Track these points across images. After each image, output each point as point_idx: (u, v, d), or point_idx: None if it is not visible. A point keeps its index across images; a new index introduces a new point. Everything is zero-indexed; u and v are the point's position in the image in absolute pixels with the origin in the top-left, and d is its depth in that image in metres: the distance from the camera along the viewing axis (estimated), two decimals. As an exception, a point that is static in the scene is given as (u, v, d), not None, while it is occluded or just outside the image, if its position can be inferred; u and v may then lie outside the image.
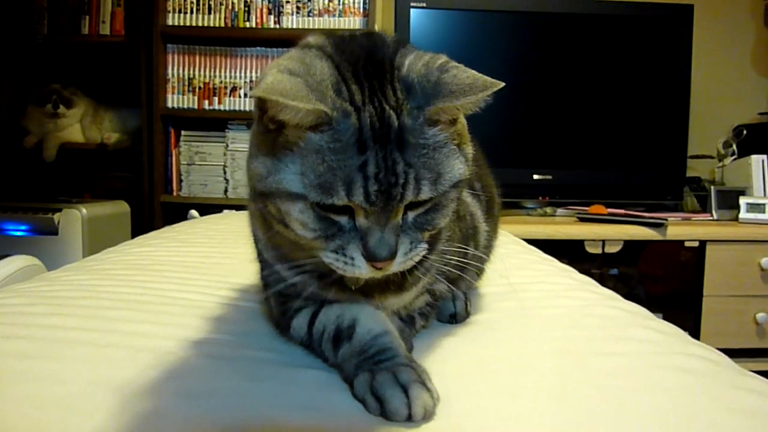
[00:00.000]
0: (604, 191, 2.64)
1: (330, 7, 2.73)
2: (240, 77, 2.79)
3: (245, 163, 0.62)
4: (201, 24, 2.75)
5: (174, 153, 2.84)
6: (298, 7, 2.74)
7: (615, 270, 2.40)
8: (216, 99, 2.80)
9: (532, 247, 1.53)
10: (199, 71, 2.79)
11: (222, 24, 2.76)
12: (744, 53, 3.07)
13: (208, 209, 2.68)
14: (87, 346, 0.65)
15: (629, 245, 2.35)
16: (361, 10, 2.73)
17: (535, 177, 2.58)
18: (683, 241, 2.34)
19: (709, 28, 2.93)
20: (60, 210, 2.48)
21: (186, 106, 2.80)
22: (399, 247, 0.56)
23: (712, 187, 2.64)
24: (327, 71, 0.55)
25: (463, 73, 0.57)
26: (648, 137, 2.69)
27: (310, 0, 2.73)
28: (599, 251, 2.35)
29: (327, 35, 0.62)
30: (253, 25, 2.75)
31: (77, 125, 2.89)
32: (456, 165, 0.57)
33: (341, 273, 0.57)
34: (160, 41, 2.74)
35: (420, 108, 0.55)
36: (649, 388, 0.61)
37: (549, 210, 2.68)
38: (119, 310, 0.80)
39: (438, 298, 0.77)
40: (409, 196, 0.54)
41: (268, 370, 0.62)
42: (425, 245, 0.58)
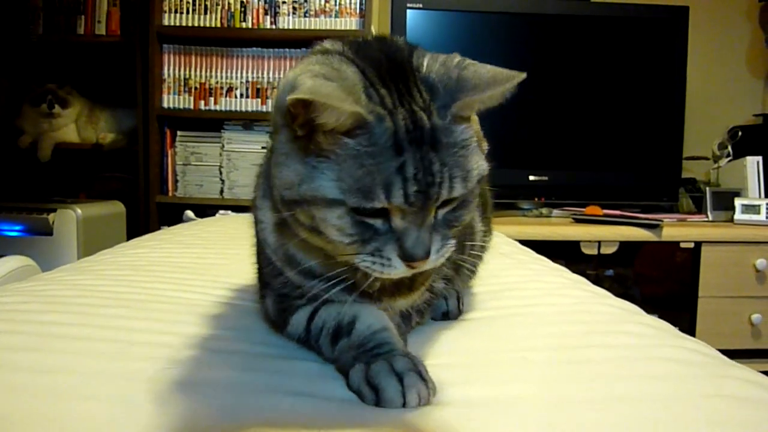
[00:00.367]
0: (599, 192, 2.64)
1: (326, 8, 2.73)
2: (236, 78, 2.79)
3: (264, 170, 0.62)
4: (197, 24, 2.75)
5: (169, 153, 2.84)
6: (294, 8, 2.74)
7: (611, 271, 2.40)
8: (212, 99, 2.80)
9: (524, 248, 1.54)
10: (195, 71, 2.79)
11: (218, 24, 2.76)
12: (739, 55, 3.09)
13: (203, 210, 2.68)
14: (81, 340, 0.65)
15: (625, 246, 2.36)
16: (358, 10, 2.73)
17: (531, 178, 2.59)
18: (678, 242, 2.34)
19: (705, 29, 2.94)
20: (55, 210, 2.48)
21: (182, 106, 2.80)
22: (432, 246, 0.57)
23: (707, 189, 2.65)
24: (356, 76, 0.56)
25: (483, 68, 0.58)
26: (643, 138, 2.69)
27: (306, 0, 2.74)
28: (595, 252, 2.36)
29: (342, 41, 0.62)
30: (250, 26, 2.75)
31: (72, 125, 2.88)
32: (479, 161, 0.59)
33: (376, 275, 0.57)
34: (155, 41, 2.73)
35: (446, 106, 0.56)
36: (638, 376, 0.62)
37: (545, 211, 2.69)
38: (114, 308, 0.80)
39: (436, 295, 0.77)
40: (445, 194, 0.55)
41: (261, 362, 0.62)
42: (453, 242, 0.59)
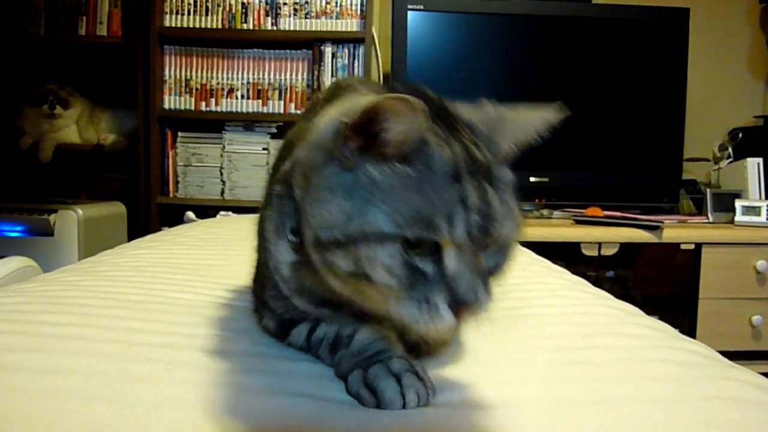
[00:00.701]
0: (600, 194, 2.64)
1: (327, 9, 2.73)
2: (237, 79, 2.79)
3: (276, 208, 0.59)
4: (198, 25, 2.76)
5: (170, 154, 2.84)
6: (295, 9, 2.74)
7: (611, 272, 2.40)
8: (213, 100, 2.80)
9: (524, 249, 1.54)
10: (196, 73, 2.80)
11: (219, 25, 2.76)
12: (740, 56, 3.09)
13: (204, 211, 2.68)
14: (82, 341, 0.65)
15: (625, 248, 2.36)
16: (359, 12, 2.73)
17: (532, 179, 2.59)
18: (679, 244, 2.34)
19: (706, 31, 2.94)
20: (56, 211, 2.48)
21: (183, 107, 2.80)
22: (482, 295, 0.52)
23: (707, 190, 2.65)
24: None
25: (517, 107, 0.57)
26: (644, 140, 2.69)
27: (307, 2, 2.74)
28: (595, 254, 2.35)
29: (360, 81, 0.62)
30: (251, 27, 2.76)
31: (74, 126, 2.88)
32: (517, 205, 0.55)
33: (419, 327, 0.51)
34: (157, 42, 2.74)
35: (492, 141, 0.55)
36: (638, 377, 0.62)
37: (545, 212, 2.69)
38: (115, 309, 0.80)
39: None
40: (503, 232, 0.51)
41: (262, 362, 0.62)
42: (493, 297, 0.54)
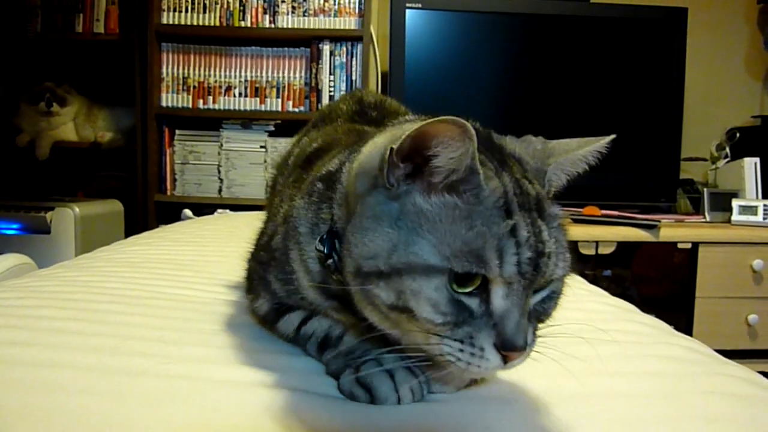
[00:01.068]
0: (598, 193, 2.64)
1: (325, 7, 2.73)
2: (235, 77, 2.79)
3: (341, 242, 0.53)
4: (196, 23, 2.75)
5: (168, 152, 2.84)
6: (293, 7, 2.74)
7: (608, 271, 2.40)
8: (210, 98, 2.79)
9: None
10: (194, 70, 2.79)
11: (217, 23, 2.76)
12: (738, 56, 3.09)
13: (201, 209, 2.68)
14: (77, 335, 0.65)
15: (623, 246, 2.36)
16: (357, 10, 2.73)
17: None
18: (676, 243, 2.34)
19: (703, 31, 2.95)
20: (53, 209, 2.47)
21: (180, 105, 2.80)
22: (527, 336, 0.49)
23: (705, 190, 2.65)
24: None
25: (565, 140, 0.57)
26: (642, 139, 2.69)
27: (305, 0, 2.74)
28: (593, 252, 2.36)
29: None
30: (248, 25, 2.75)
31: (71, 124, 2.88)
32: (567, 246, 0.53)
33: (461, 367, 0.48)
34: (154, 40, 2.73)
35: (541, 174, 0.53)
36: (633, 372, 0.62)
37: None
38: (110, 304, 0.80)
39: None
40: (553, 269, 0.49)
41: (256, 357, 0.62)
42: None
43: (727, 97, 3.08)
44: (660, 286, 2.43)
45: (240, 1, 2.74)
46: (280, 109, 2.79)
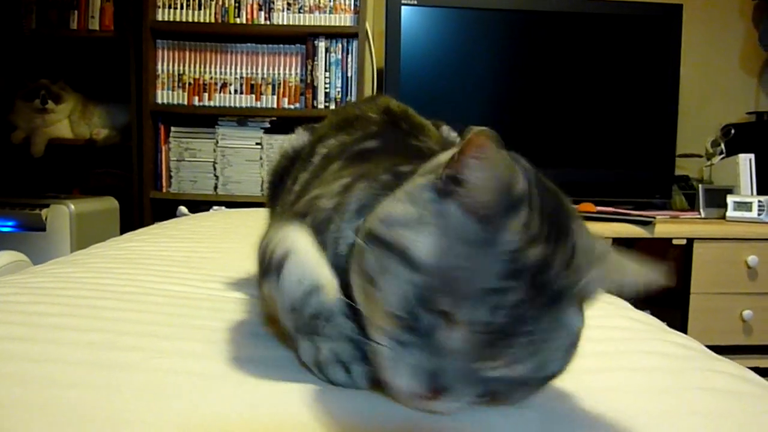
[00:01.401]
0: (593, 189, 2.65)
1: (321, 4, 2.73)
2: (230, 73, 2.79)
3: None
4: (191, 20, 2.75)
5: (163, 149, 2.83)
6: (288, 4, 2.73)
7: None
8: (206, 95, 2.79)
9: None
10: (189, 67, 2.79)
11: (212, 20, 2.75)
12: (733, 53, 3.10)
13: (197, 206, 2.68)
14: (70, 330, 0.65)
15: (618, 243, 2.36)
16: (352, 7, 2.73)
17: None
18: (671, 239, 2.35)
19: (699, 27, 2.95)
20: (48, 206, 2.47)
21: (176, 102, 2.80)
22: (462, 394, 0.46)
23: (700, 186, 2.66)
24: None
25: (627, 257, 0.49)
26: (637, 136, 2.70)
27: (300, -4, 2.74)
28: (588, 249, 2.36)
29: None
30: (244, 21, 2.75)
31: (66, 121, 2.87)
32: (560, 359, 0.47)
33: (384, 374, 0.48)
34: (149, 37, 2.73)
35: (582, 270, 0.46)
36: (625, 368, 0.62)
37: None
38: (104, 299, 0.80)
39: None
40: (511, 362, 0.44)
41: (252, 352, 0.62)
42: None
43: (723, 94, 3.08)
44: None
45: (235, -2, 2.74)
46: (275, 106, 2.79)
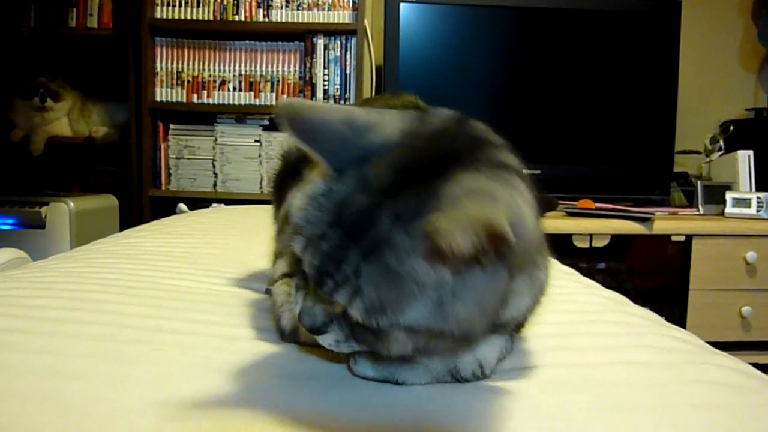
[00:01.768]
0: (592, 186, 2.65)
1: (319, 1, 2.72)
2: (229, 71, 2.78)
3: None
4: (189, 17, 2.74)
5: (162, 147, 2.83)
6: (287, 1, 2.73)
7: (603, 264, 2.41)
8: (205, 93, 2.79)
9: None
10: (188, 65, 2.79)
11: (211, 17, 2.75)
12: (732, 49, 3.10)
13: (196, 203, 2.67)
14: (72, 323, 0.65)
15: (617, 239, 2.37)
16: (351, 3, 2.73)
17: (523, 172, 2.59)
18: (670, 236, 2.36)
19: (697, 23, 2.95)
20: (47, 204, 2.47)
21: (174, 99, 2.80)
22: (329, 332, 0.50)
23: (698, 182, 2.66)
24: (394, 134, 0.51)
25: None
26: (635, 133, 2.70)
27: (299, -6, 2.74)
28: (587, 245, 2.36)
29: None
30: (242, 19, 2.75)
31: (65, 119, 2.87)
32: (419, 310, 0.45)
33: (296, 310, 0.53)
34: (148, 34, 2.73)
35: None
36: (620, 362, 0.62)
37: (537, 204, 2.69)
38: (105, 294, 0.80)
39: None
40: (339, 300, 0.46)
41: (248, 345, 0.62)
42: (358, 348, 0.51)
43: (721, 90, 3.09)
44: (654, 278, 2.44)
45: (234, -5, 2.74)
46: (274, 104, 2.79)
